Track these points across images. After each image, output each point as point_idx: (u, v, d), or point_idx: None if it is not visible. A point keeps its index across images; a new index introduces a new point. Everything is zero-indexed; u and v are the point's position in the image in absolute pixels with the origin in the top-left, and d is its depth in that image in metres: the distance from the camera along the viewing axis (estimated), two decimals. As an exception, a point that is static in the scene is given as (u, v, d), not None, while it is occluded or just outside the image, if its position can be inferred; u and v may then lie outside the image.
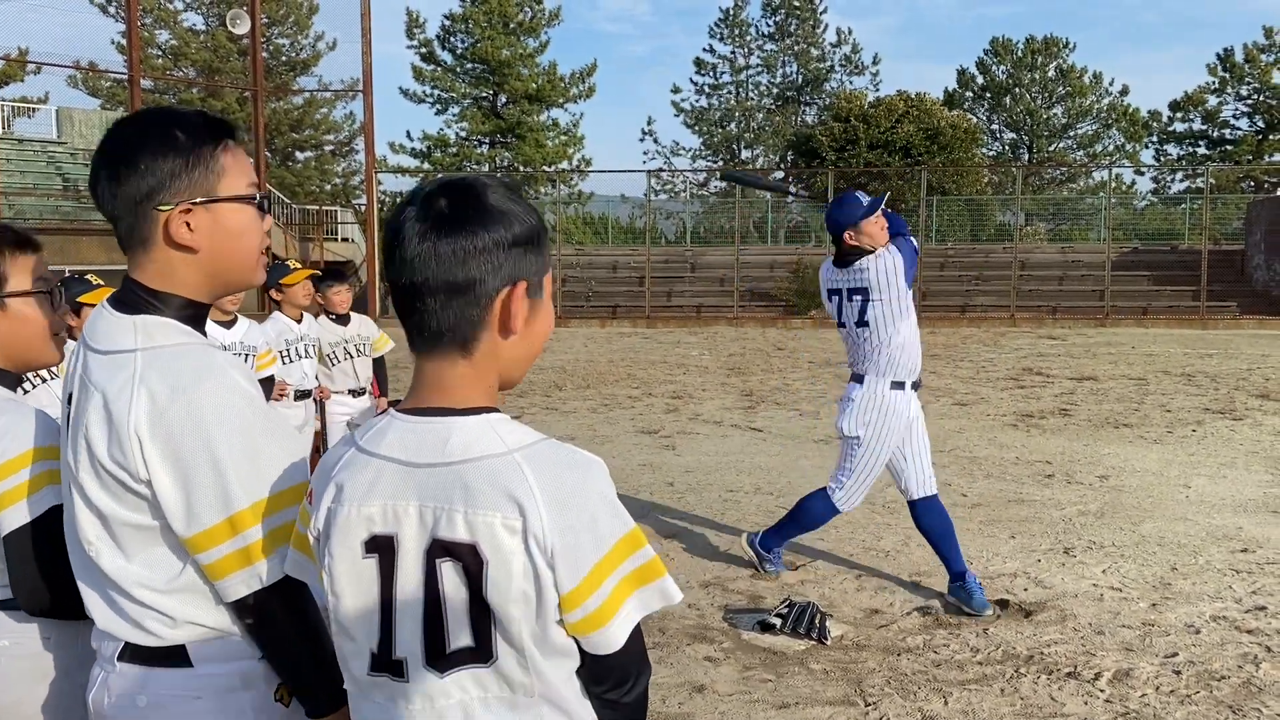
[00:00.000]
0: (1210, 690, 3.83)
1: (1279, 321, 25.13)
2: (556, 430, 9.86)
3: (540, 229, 1.32)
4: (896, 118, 38.48)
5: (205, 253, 1.53)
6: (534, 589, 1.21)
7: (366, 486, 1.28)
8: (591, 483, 1.25)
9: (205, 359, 1.48)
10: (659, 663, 4.12)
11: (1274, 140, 46.56)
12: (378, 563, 1.27)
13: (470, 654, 1.25)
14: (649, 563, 1.27)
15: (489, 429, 1.26)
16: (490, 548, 1.21)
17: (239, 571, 1.45)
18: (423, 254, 1.25)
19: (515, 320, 1.28)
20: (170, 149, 1.50)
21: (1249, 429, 9.71)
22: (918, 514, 4.85)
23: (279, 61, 42.33)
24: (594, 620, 1.23)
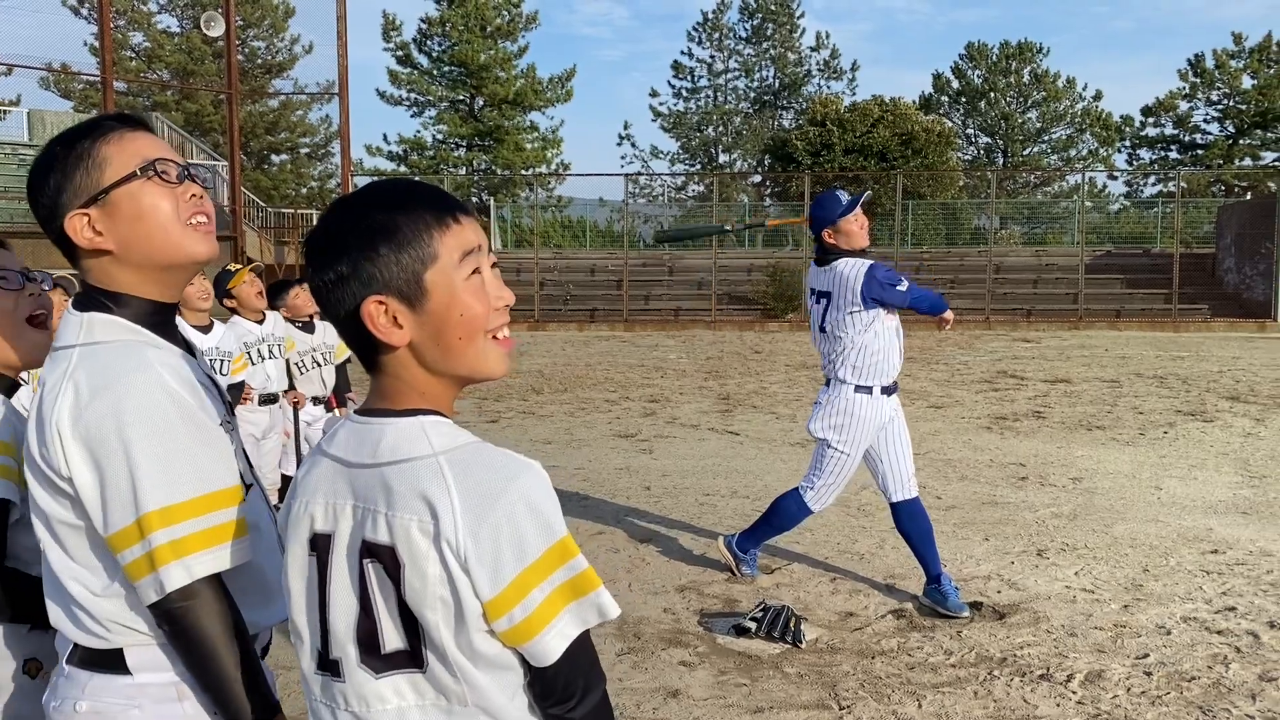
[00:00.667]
0: (1180, 691, 3.86)
1: (1249, 324, 25.43)
2: (534, 433, 9.85)
3: (396, 227, 1.25)
4: (872, 122, 38.67)
5: (119, 248, 1.51)
6: (450, 595, 1.19)
7: (314, 484, 1.30)
8: (518, 488, 1.20)
9: (135, 356, 1.46)
10: (634, 668, 4.12)
11: (1244, 145, 47.13)
12: (316, 560, 1.28)
13: (405, 658, 1.24)
14: (582, 574, 1.24)
15: (420, 431, 1.25)
16: (406, 551, 1.19)
17: (146, 576, 1.42)
18: (314, 290, 1.30)
19: (385, 335, 1.26)
20: (53, 164, 1.51)
21: (1219, 431, 9.81)
22: (898, 517, 4.88)
23: (254, 64, 42.08)
24: (522, 631, 1.20)
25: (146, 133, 1.56)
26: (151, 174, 1.52)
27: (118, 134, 1.52)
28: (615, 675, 4.02)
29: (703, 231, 4.95)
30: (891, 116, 38.87)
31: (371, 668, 1.25)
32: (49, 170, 1.50)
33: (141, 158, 1.52)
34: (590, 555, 5.67)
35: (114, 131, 1.52)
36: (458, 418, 1.33)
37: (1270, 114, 45.97)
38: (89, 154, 1.49)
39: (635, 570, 5.43)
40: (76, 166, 1.49)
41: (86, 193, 1.49)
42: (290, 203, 39.23)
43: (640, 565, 5.52)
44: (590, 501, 7.01)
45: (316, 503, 1.28)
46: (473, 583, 1.18)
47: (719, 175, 44.50)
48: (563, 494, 7.15)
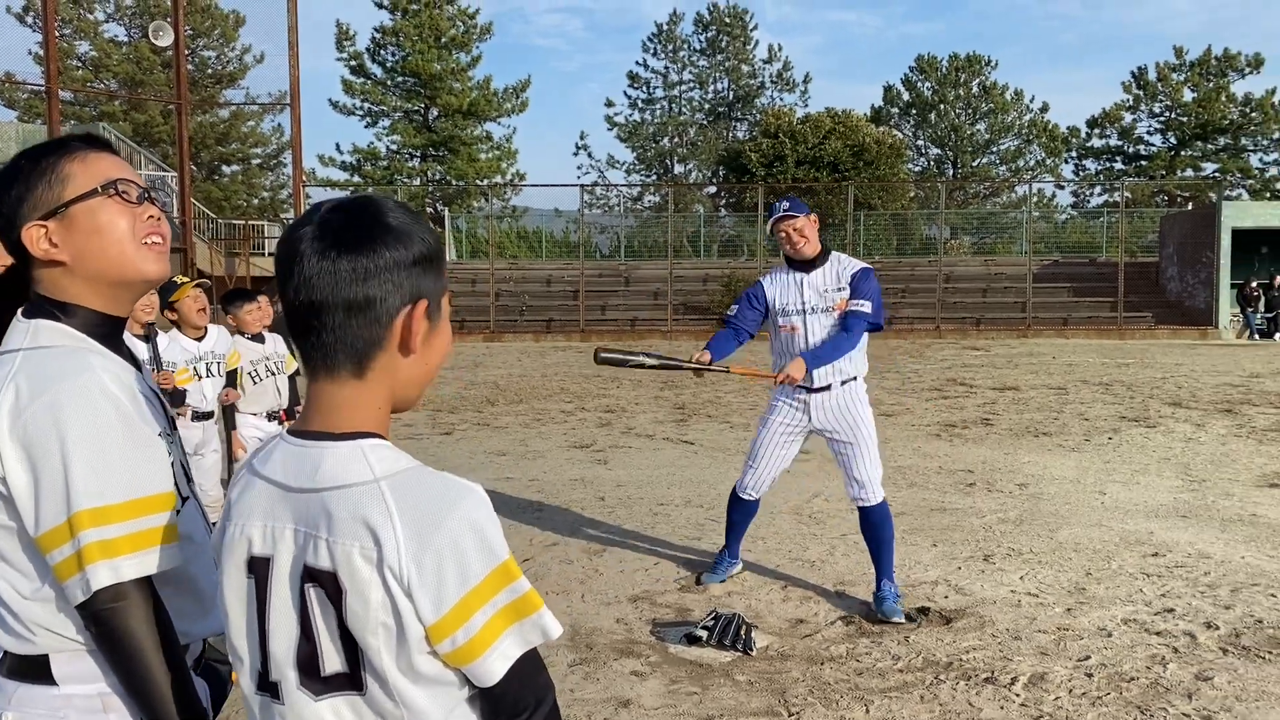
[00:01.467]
0: (1120, 691, 3.95)
1: (1192, 331, 26.02)
2: (488, 445, 9.83)
3: (439, 249, 1.32)
4: (824, 134, 39.08)
5: (73, 261, 1.54)
6: (393, 620, 1.19)
7: (250, 507, 1.29)
8: (460, 512, 1.21)
9: (77, 360, 1.48)
10: (585, 679, 4.14)
11: (1186, 156, 48.26)
12: (254, 583, 1.28)
13: (345, 680, 1.25)
14: (524, 596, 1.24)
15: (360, 456, 1.25)
16: (348, 577, 1.20)
17: (75, 575, 1.43)
18: (321, 271, 1.23)
19: (415, 339, 1.28)
20: (16, 175, 1.55)
21: (1162, 436, 10.04)
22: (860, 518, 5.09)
23: (204, 74, 41.61)
24: (465, 654, 1.21)
25: (111, 154, 1.61)
26: (112, 192, 1.56)
27: (83, 153, 1.56)
28: (567, 686, 4.04)
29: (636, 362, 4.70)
30: (843, 128, 39.33)
31: (311, 690, 1.25)
32: (12, 181, 1.54)
33: (104, 176, 1.56)
34: (544, 566, 5.69)
35: (79, 150, 1.57)
36: (409, 431, 1.35)
37: (1210, 126, 47.16)
38: (53, 169, 1.54)
39: (588, 581, 5.45)
40: (39, 180, 1.53)
41: (46, 206, 1.53)
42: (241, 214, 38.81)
43: (593, 576, 5.54)
44: (545, 512, 7.02)
45: (254, 526, 1.28)
46: (416, 608, 1.19)
47: (675, 186, 44.72)
48: (517, 505, 7.15)
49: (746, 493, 5.28)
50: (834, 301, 4.98)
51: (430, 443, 9.88)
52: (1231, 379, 15.47)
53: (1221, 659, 4.27)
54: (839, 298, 4.97)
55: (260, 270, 28.69)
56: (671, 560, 5.80)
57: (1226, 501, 7.17)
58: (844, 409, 4.99)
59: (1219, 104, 46.95)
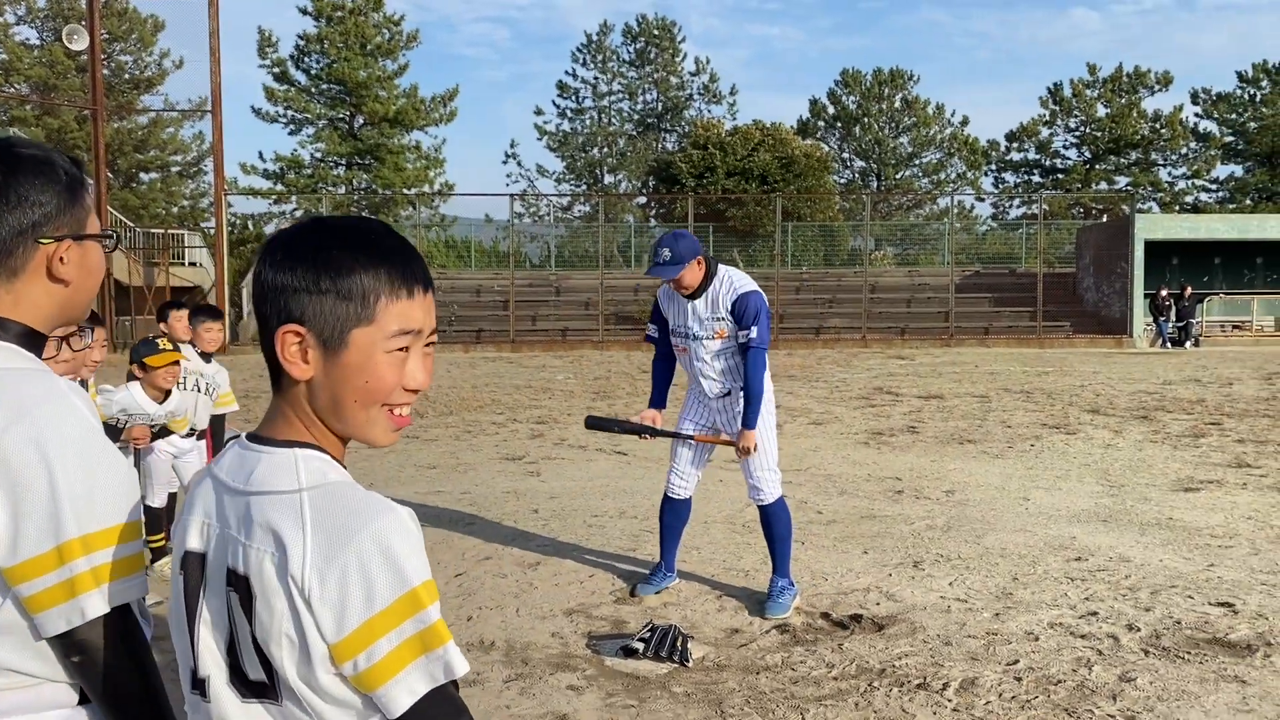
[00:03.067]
0: (1048, 694, 4.04)
1: (1108, 340, 26.82)
2: (418, 459, 9.71)
3: (350, 274, 1.25)
4: (753, 146, 39.52)
5: (72, 287, 1.54)
6: (295, 633, 1.17)
7: (194, 503, 1.32)
8: (374, 532, 1.18)
9: (46, 384, 1.44)
10: (521, 694, 4.09)
11: (1100, 169, 49.81)
12: (185, 579, 1.29)
13: (265, 688, 1.23)
14: (431, 628, 1.19)
15: (292, 464, 1.24)
16: (259, 584, 1.19)
17: (61, 604, 1.39)
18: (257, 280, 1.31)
19: (287, 363, 1.26)
20: (56, 182, 1.51)
21: (1081, 443, 10.32)
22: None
23: (121, 79, 40.55)
24: (367, 680, 1.17)
25: None
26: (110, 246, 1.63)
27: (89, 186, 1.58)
28: (503, 702, 4.00)
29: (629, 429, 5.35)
30: (771, 140, 39.81)
31: (238, 691, 1.24)
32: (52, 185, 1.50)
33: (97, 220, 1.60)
34: (477, 581, 5.63)
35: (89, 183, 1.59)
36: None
37: (1123, 141, 48.76)
38: (81, 194, 1.54)
39: (523, 595, 5.41)
40: (76, 201, 1.53)
41: (76, 228, 1.53)
42: (161, 222, 37.84)
43: (528, 589, 5.49)
44: (477, 525, 6.94)
45: (193, 521, 1.29)
46: (317, 623, 1.16)
47: (605, 196, 44.77)
48: (449, 518, 7.07)
49: (674, 490, 5.41)
50: (713, 330, 5.14)
51: (358, 455, 9.72)
52: (1146, 386, 15.98)
53: (1143, 660, 4.38)
54: (718, 326, 5.13)
55: (180, 280, 28.00)
56: (607, 572, 5.78)
57: (1144, 506, 7.39)
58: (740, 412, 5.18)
59: (1130, 119, 48.60)
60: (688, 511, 5.49)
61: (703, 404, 5.35)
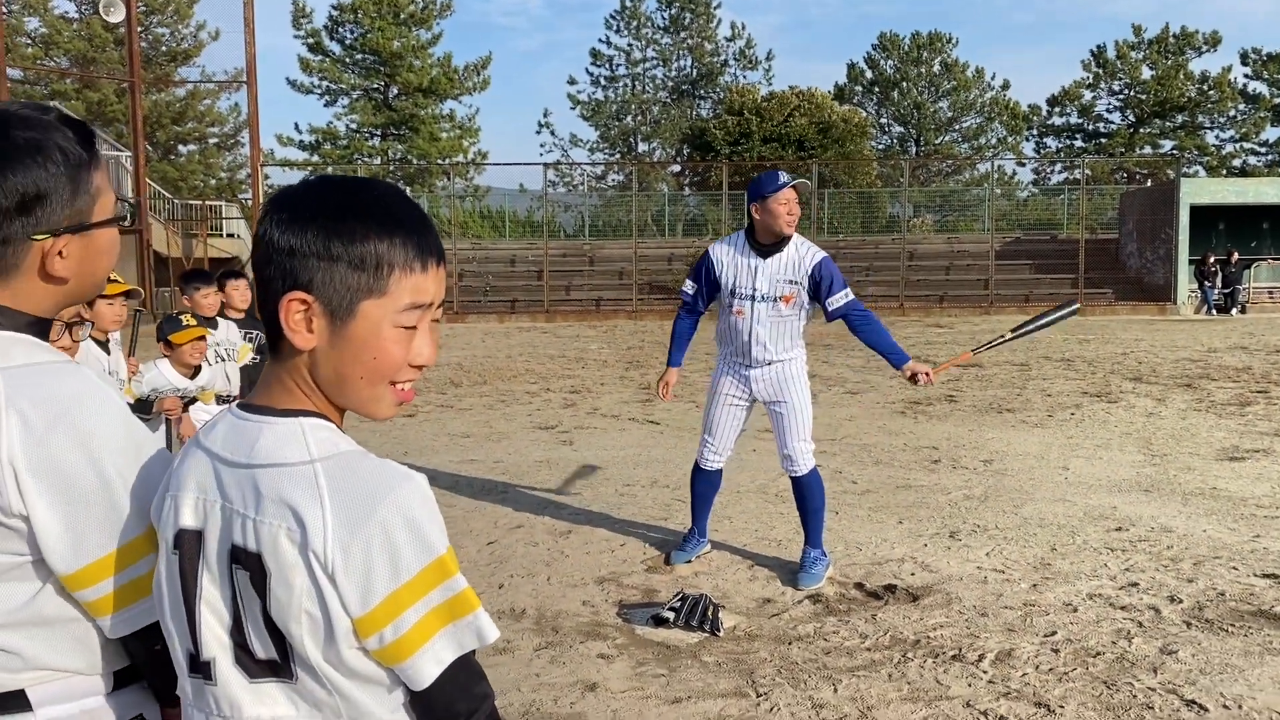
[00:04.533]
0: (1086, 667, 3.96)
1: (1151, 307, 26.35)
2: (452, 427, 9.73)
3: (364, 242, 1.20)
4: (789, 111, 39.10)
5: (73, 281, 1.41)
6: (319, 609, 1.13)
7: (184, 478, 1.24)
8: (396, 502, 1.14)
9: (79, 378, 1.36)
10: (551, 662, 4.08)
11: (1144, 133, 48.78)
12: (180, 558, 1.22)
13: (276, 667, 1.19)
14: (459, 595, 1.17)
15: (299, 434, 1.19)
16: (273, 560, 1.14)
17: (126, 607, 1.34)
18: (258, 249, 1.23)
19: (291, 331, 1.20)
20: (54, 170, 1.35)
21: (1123, 411, 10.13)
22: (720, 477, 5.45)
23: (158, 51, 40.81)
24: (394, 653, 1.15)
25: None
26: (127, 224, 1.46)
27: (100, 162, 1.41)
28: (533, 670, 3.99)
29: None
30: (808, 106, 39.34)
31: (246, 671, 1.20)
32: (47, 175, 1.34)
33: (116, 196, 1.44)
34: (509, 549, 5.63)
35: (99, 157, 1.41)
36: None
37: (1168, 104, 47.67)
38: (89, 178, 1.38)
39: (554, 563, 5.40)
40: (79, 189, 1.37)
41: (77, 218, 1.37)
42: (199, 194, 38.20)
43: (559, 558, 5.48)
44: (509, 494, 6.95)
45: (186, 497, 1.22)
46: (341, 598, 1.12)
47: (639, 164, 44.54)
48: (482, 487, 7.08)
49: (707, 462, 5.34)
50: (783, 292, 4.99)
51: (393, 425, 9.76)
52: (1190, 354, 15.68)
53: (1185, 632, 4.29)
54: (789, 290, 4.99)
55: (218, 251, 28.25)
56: (638, 541, 5.76)
57: (1187, 475, 7.24)
58: (781, 382, 5.11)
59: (1177, 82, 47.47)
60: (719, 480, 5.45)
61: (739, 376, 5.16)
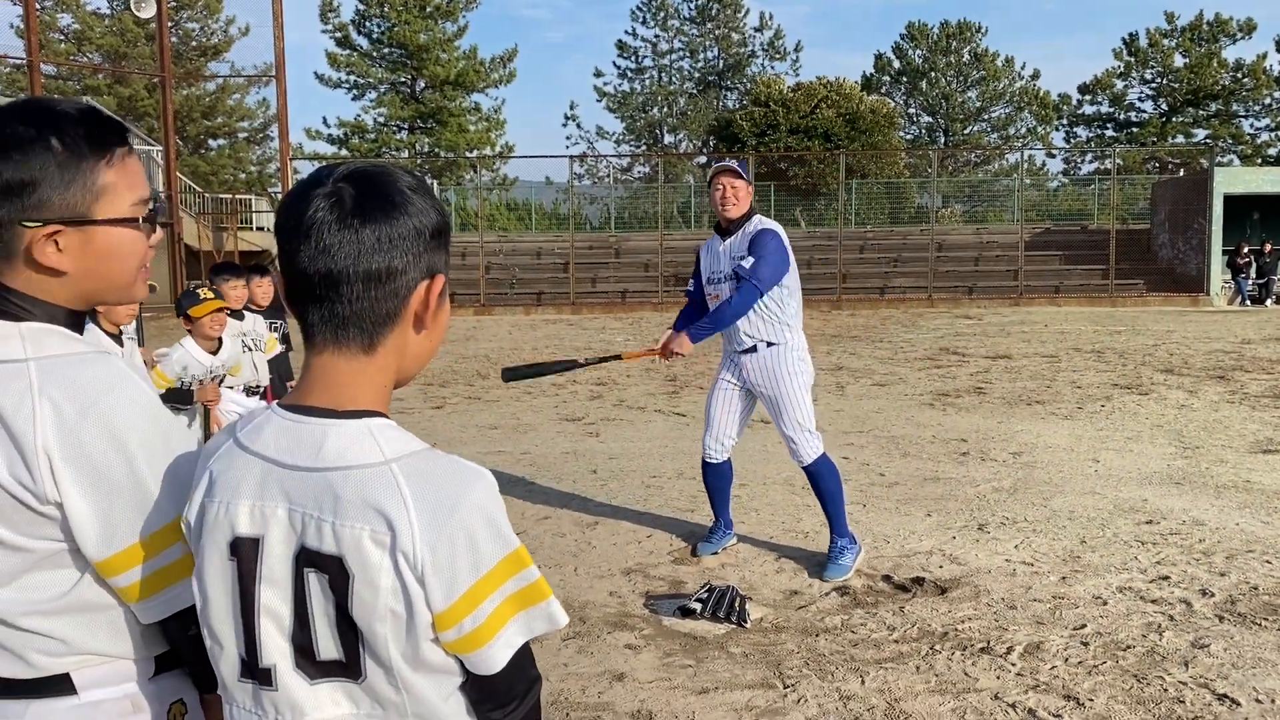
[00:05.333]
0: (1116, 660, 3.93)
1: (1183, 298, 26.03)
2: (479, 419, 9.78)
3: (449, 224, 1.28)
4: (816, 102, 38.88)
5: (73, 274, 1.39)
6: (403, 607, 1.16)
7: (236, 484, 1.23)
8: (473, 498, 1.17)
9: (109, 368, 1.38)
10: (579, 652, 4.10)
11: (1177, 122, 48.15)
12: (239, 565, 1.22)
13: (340, 667, 1.20)
14: (533, 584, 1.21)
15: (368, 435, 1.20)
16: (357, 562, 1.15)
17: (156, 594, 1.37)
18: (344, 240, 1.18)
19: (429, 314, 1.25)
20: (44, 161, 1.33)
21: (1154, 403, 10.03)
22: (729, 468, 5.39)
23: (189, 46, 41.17)
24: (471, 641, 1.18)
25: (133, 152, 1.44)
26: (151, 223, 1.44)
27: (120, 159, 1.39)
28: (561, 660, 4.01)
29: (551, 369, 5.14)
30: (835, 96, 39.11)
31: (306, 674, 1.21)
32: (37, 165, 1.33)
33: (138, 196, 1.41)
34: (536, 540, 5.65)
35: (118, 154, 1.39)
36: (401, 405, 1.29)
37: (1202, 92, 47.03)
38: (92, 173, 1.36)
39: (581, 554, 5.42)
40: (74, 182, 1.35)
41: (70, 211, 1.35)
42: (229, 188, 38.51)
43: (586, 549, 5.50)
44: (536, 486, 6.98)
45: (240, 505, 1.21)
46: (427, 595, 1.15)
47: (665, 156, 44.47)
48: (509, 479, 7.11)
49: (710, 455, 5.33)
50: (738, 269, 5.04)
51: (421, 416, 9.83)
52: (1223, 345, 15.48)
53: (1217, 626, 4.25)
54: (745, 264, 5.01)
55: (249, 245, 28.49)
56: (665, 532, 5.77)
57: (1220, 468, 7.16)
58: (768, 370, 5.06)
59: (1210, 69, 46.81)
60: (729, 471, 5.41)
61: (733, 361, 5.23)
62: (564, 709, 3.60)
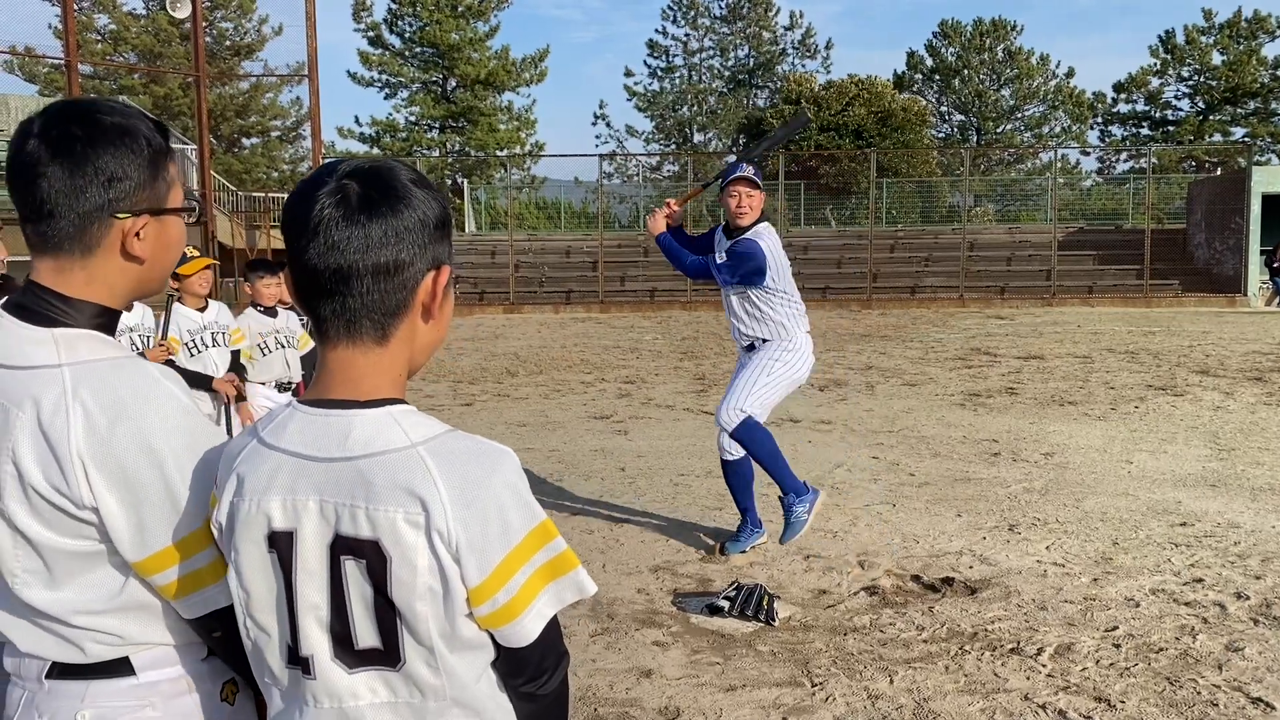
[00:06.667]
0: (1149, 662, 3.90)
1: (1219, 299, 25.68)
2: (508, 416, 9.82)
3: (450, 217, 1.32)
4: (847, 100, 38.70)
5: (148, 264, 1.48)
6: (440, 584, 1.19)
7: (266, 480, 1.25)
8: (499, 474, 1.21)
9: (141, 373, 1.41)
10: (607, 649, 4.12)
11: (1214, 121, 47.47)
12: (278, 559, 1.25)
13: (378, 655, 1.23)
14: (561, 555, 1.25)
15: (391, 422, 1.23)
16: (393, 544, 1.18)
17: (193, 593, 1.39)
18: (352, 236, 1.22)
19: (435, 304, 1.29)
20: (139, 154, 1.43)
21: (1189, 405, 9.91)
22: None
23: (223, 46, 41.55)
24: (505, 614, 1.21)
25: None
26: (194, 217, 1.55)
27: (175, 154, 1.51)
28: (589, 656, 4.02)
29: (780, 135, 5.79)
30: (867, 95, 38.89)
31: (345, 663, 1.24)
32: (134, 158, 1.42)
33: (186, 189, 1.53)
34: (565, 537, 5.64)
35: (174, 150, 1.51)
36: (431, 403, 1.31)
37: (1240, 90, 46.34)
38: (167, 166, 1.48)
39: (609, 551, 5.43)
40: (159, 174, 1.45)
41: (155, 202, 1.45)
42: (262, 186, 38.83)
43: (614, 546, 5.52)
44: (565, 483, 7.00)
45: (272, 501, 1.24)
46: (462, 571, 1.18)
47: (694, 155, 44.42)
48: (537, 476, 7.14)
49: (726, 453, 5.37)
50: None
51: (451, 413, 9.88)
52: (1260, 346, 15.26)
53: (1252, 629, 4.20)
54: None
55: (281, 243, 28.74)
56: (693, 530, 5.77)
57: (1256, 470, 7.07)
58: (756, 353, 5.33)
59: (1249, 67, 46.09)
60: (748, 468, 5.39)
61: (740, 361, 5.48)
62: (592, 704, 3.61)
